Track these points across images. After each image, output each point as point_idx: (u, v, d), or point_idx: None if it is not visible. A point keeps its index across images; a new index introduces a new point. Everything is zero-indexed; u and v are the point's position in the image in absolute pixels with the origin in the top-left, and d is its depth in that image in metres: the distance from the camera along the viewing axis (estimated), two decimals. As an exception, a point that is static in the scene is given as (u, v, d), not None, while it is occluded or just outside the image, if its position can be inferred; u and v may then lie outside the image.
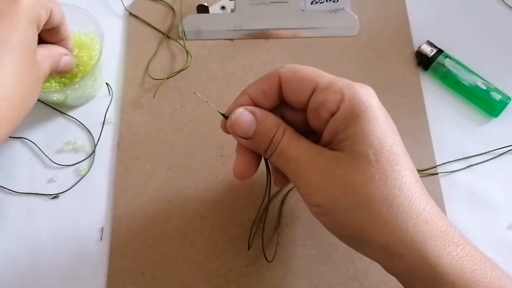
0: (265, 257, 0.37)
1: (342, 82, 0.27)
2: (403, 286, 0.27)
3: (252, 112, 0.28)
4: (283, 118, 0.30)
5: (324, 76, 0.28)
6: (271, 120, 0.28)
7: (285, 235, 0.38)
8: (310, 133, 0.29)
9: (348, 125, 0.26)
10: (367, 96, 0.26)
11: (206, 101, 0.31)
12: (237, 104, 0.30)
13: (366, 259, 0.37)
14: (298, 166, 0.27)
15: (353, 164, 0.25)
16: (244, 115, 0.28)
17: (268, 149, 0.28)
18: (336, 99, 0.26)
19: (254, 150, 0.30)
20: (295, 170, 0.27)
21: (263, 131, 0.28)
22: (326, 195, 0.26)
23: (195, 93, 0.32)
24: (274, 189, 0.39)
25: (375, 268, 0.37)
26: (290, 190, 0.40)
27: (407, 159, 0.26)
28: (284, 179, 0.31)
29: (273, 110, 0.30)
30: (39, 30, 0.32)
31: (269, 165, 0.32)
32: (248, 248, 0.37)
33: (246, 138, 0.29)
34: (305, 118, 0.29)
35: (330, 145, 0.27)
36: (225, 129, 0.30)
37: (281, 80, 0.28)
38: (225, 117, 0.30)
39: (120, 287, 0.37)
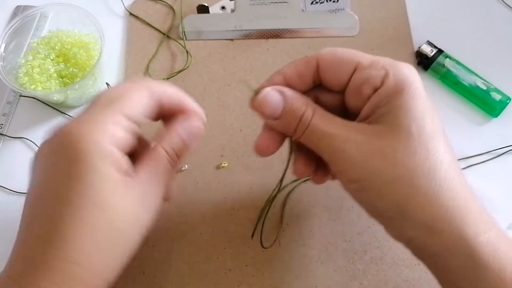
0: (261, 244, 0.37)
1: (384, 60, 0.27)
2: (433, 268, 0.27)
3: (281, 92, 0.28)
4: (316, 101, 0.29)
5: (365, 56, 0.28)
6: (300, 99, 0.28)
7: (285, 235, 0.38)
8: (344, 116, 0.28)
9: (392, 99, 0.26)
10: (411, 73, 0.27)
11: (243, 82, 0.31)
12: (268, 83, 0.29)
13: (366, 259, 0.37)
14: (335, 141, 0.26)
15: (395, 136, 0.25)
16: (271, 95, 0.28)
17: (297, 128, 0.27)
18: (380, 75, 0.26)
19: (283, 132, 0.29)
20: (332, 146, 0.26)
21: (291, 110, 0.27)
22: (366, 168, 0.25)
23: (244, 81, 0.32)
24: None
25: (375, 268, 0.37)
26: (291, 190, 0.40)
27: (446, 138, 0.27)
28: (307, 166, 0.31)
29: (305, 93, 0.29)
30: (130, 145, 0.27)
31: (292, 150, 0.31)
32: (252, 236, 0.38)
33: (275, 119, 0.28)
34: (339, 101, 0.29)
35: (367, 120, 0.27)
36: (253, 107, 0.29)
37: (319, 63, 0.28)
38: (256, 93, 0.29)
39: (120, 286, 0.37)
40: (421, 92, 0.27)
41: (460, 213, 0.25)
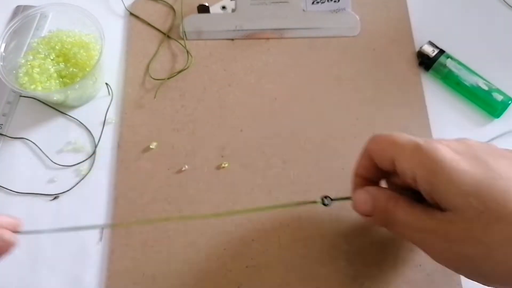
0: None
1: (408, 152, 0.28)
2: None
3: (366, 191, 0.31)
4: (397, 184, 0.32)
5: (398, 149, 0.28)
6: (383, 194, 0.30)
7: (285, 235, 0.38)
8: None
9: (433, 184, 0.26)
10: (435, 153, 0.26)
11: None
12: (353, 185, 0.33)
13: (366, 260, 0.37)
14: (415, 233, 0.28)
15: (461, 218, 0.25)
16: (359, 196, 0.31)
17: (387, 222, 0.30)
18: (410, 176, 0.27)
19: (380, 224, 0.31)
20: (414, 237, 0.29)
21: (378, 206, 0.30)
22: (448, 255, 0.27)
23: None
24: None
25: (375, 269, 0.37)
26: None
27: (506, 198, 0.25)
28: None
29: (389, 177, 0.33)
30: None
31: None
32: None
33: (370, 215, 0.31)
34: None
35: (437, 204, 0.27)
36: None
37: (371, 155, 0.31)
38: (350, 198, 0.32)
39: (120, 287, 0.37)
40: (459, 164, 0.26)
41: None
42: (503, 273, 0.25)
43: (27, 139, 0.43)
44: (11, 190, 0.41)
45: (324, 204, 0.33)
